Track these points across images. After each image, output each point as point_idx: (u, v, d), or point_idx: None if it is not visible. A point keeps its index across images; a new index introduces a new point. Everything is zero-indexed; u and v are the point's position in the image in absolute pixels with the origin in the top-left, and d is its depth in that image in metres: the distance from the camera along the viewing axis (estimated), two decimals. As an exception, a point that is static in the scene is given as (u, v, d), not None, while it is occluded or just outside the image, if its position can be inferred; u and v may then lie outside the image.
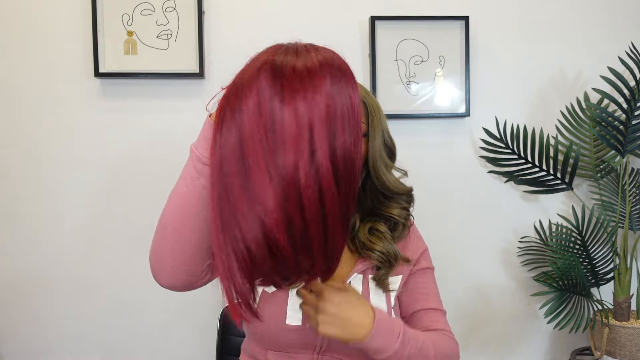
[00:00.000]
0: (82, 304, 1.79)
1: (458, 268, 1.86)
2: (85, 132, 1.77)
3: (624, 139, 1.65)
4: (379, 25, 1.77)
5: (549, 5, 1.86)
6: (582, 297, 1.68)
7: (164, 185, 1.78)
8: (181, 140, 1.78)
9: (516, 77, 1.86)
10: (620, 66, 1.67)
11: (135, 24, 1.73)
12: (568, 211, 1.87)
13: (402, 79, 1.80)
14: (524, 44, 1.86)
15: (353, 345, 0.88)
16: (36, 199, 1.77)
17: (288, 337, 0.99)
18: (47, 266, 1.78)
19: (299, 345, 0.99)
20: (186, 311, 1.78)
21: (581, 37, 1.87)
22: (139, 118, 1.78)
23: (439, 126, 1.85)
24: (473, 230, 1.87)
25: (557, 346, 1.92)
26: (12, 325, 1.79)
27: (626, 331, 1.66)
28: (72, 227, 1.78)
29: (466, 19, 1.80)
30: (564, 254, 1.68)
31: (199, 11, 1.73)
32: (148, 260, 0.92)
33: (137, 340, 1.81)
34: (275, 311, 0.99)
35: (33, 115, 1.76)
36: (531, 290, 1.88)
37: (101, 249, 1.78)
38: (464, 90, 1.81)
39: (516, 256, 1.89)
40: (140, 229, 1.78)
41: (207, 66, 1.77)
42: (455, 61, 1.81)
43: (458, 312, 1.89)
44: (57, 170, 1.77)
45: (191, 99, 1.78)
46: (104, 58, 1.73)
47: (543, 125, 1.85)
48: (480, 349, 1.91)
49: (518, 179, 1.83)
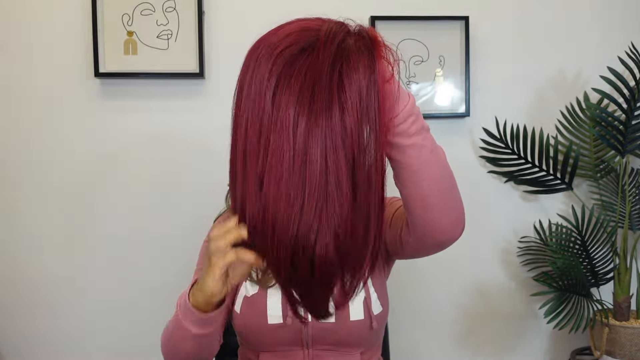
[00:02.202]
0: (82, 304, 1.79)
1: (458, 268, 1.86)
2: (85, 132, 1.77)
3: (624, 139, 1.65)
4: (379, 25, 1.77)
5: (549, 5, 1.86)
6: (582, 297, 1.68)
7: (164, 185, 1.79)
8: (181, 140, 1.79)
9: (516, 77, 1.86)
10: (620, 66, 1.67)
11: (135, 24, 1.73)
12: (568, 211, 1.87)
13: (402, 79, 1.80)
14: (524, 44, 1.86)
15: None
16: (36, 198, 1.77)
17: (273, 336, 1.00)
18: (47, 266, 1.78)
19: (287, 342, 1.01)
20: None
21: (581, 37, 1.87)
22: (139, 118, 1.78)
23: (439, 126, 1.85)
24: (473, 230, 1.86)
25: (557, 346, 1.92)
26: (12, 325, 1.79)
27: (626, 331, 1.66)
28: (72, 227, 1.78)
29: (466, 19, 1.80)
30: (564, 254, 1.68)
31: (199, 11, 1.73)
32: (148, 260, 0.93)
33: (137, 340, 1.80)
34: (257, 313, 1.01)
35: (33, 115, 1.76)
36: (531, 290, 1.88)
37: (101, 249, 1.78)
38: (464, 90, 1.81)
39: (516, 256, 1.89)
40: (140, 229, 1.79)
41: (207, 66, 1.77)
42: (455, 61, 1.81)
43: (458, 312, 1.89)
44: (57, 170, 1.77)
45: (191, 99, 1.78)
46: (104, 58, 1.73)
47: (543, 125, 1.85)
48: (480, 348, 1.91)
49: (518, 179, 1.83)
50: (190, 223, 1.76)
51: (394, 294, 1.29)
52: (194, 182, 1.77)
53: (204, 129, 1.77)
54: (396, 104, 0.75)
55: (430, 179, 0.79)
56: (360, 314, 1.01)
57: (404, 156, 0.78)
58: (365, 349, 1.06)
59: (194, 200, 1.77)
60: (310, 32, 0.75)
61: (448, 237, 0.86)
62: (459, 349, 1.90)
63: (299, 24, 0.77)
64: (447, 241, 0.87)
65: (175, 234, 1.78)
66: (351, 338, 1.02)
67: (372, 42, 0.74)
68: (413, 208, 0.82)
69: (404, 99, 0.76)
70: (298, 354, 1.02)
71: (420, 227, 0.84)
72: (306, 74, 0.71)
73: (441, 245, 0.88)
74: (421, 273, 1.85)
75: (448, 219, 0.83)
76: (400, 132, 0.76)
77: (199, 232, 1.36)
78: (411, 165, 0.78)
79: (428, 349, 1.89)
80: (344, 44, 0.73)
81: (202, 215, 1.43)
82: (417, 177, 0.79)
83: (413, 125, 0.76)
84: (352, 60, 0.71)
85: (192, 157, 1.77)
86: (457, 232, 0.86)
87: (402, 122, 0.76)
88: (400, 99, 0.76)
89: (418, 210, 0.82)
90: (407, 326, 1.87)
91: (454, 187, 0.83)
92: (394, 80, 0.75)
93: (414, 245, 0.91)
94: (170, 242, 1.78)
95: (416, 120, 0.77)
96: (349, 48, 0.73)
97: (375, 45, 0.74)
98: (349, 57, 0.72)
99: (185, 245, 1.78)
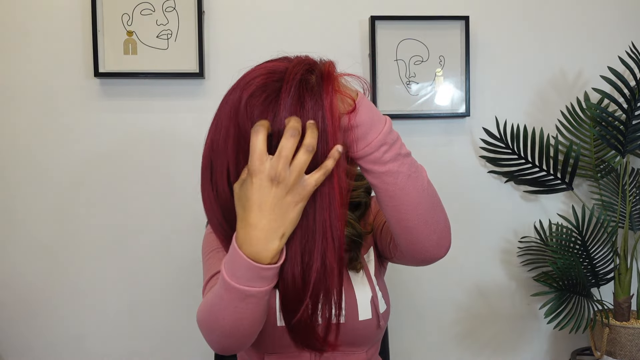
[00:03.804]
0: (82, 304, 1.79)
1: (458, 268, 1.86)
2: (84, 132, 1.77)
3: (624, 139, 1.65)
4: (379, 25, 1.77)
5: (549, 5, 1.86)
6: (582, 297, 1.68)
7: (164, 185, 1.78)
8: (181, 140, 1.79)
9: (516, 77, 1.86)
10: (620, 66, 1.66)
11: (135, 23, 1.73)
12: (568, 211, 1.87)
13: (402, 79, 1.80)
14: (524, 44, 1.86)
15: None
16: (35, 198, 1.77)
17: (282, 338, 0.99)
18: (47, 266, 1.78)
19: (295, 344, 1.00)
20: (186, 311, 1.78)
21: (581, 37, 1.87)
22: (138, 118, 1.78)
23: (439, 126, 1.85)
24: (473, 230, 1.87)
25: (557, 346, 1.92)
26: (12, 325, 1.79)
27: (626, 331, 1.66)
28: (71, 227, 1.78)
29: (466, 19, 1.80)
30: (564, 254, 1.68)
31: (199, 11, 1.73)
32: (148, 260, 0.92)
33: (137, 340, 1.80)
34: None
35: (32, 115, 1.76)
36: (531, 290, 1.87)
37: (101, 249, 1.78)
38: (464, 90, 1.81)
39: (516, 256, 1.89)
40: (139, 229, 1.79)
41: (206, 66, 1.76)
42: (455, 61, 1.81)
43: (458, 312, 1.89)
44: (56, 170, 1.77)
45: (191, 99, 1.78)
46: (103, 58, 1.73)
47: (543, 125, 1.85)
48: (480, 349, 1.90)
49: (518, 179, 1.82)
50: (190, 223, 1.76)
51: (394, 294, 1.29)
52: (194, 182, 1.75)
53: (203, 128, 1.76)
54: (368, 133, 0.78)
55: (408, 204, 0.81)
56: (369, 313, 1.02)
57: (380, 182, 0.80)
58: (369, 346, 1.06)
59: (194, 200, 1.75)
60: (276, 74, 0.78)
61: (431, 256, 0.87)
62: (459, 349, 1.90)
63: (265, 67, 0.80)
64: (431, 259, 0.88)
65: (175, 233, 1.78)
66: (359, 337, 1.02)
67: (324, 77, 0.77)
68: (394, 229, 0.85)
69: (376, 129, 0.78)
70: (305, 355, 1.01)
71: (403, 246, 0.87)
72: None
73: (426, 262, 0.89)
74: (421, 273, 1.85)
75: (430, 241, 0.85)
76: (374, 160, 0.79)
77: (198, 233, 1.36)
78: (387, 191, 0.80)
79: (428, 349, 1.89)
80: (305, 81, 0.76)
81: (202, 216, 1.42)
82: (395, 202, 0.81)
83: (387, 154, 0.78)
84: (307, 95, 0.76)
85: (192, 157, 1.76)
86: (441, 252, 0.88)
87: (374, 151, 0.78)
88: (373, 128, 0.78)
89: (399, 232, 0.84)
90: (407, 326, 1.87)
91: (435, 208, 0.84)
92: (361, 110, 0.77)
93: (401, 257, 0.94)
94: (170, 242, 1.78)
95: (390, 148, 0.79)
96: (310, 84, 0.76)
97: (327, 80, 0.77)
98: (307, 92, 0.76)
99: (185, 245, 1.78)
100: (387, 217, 0.84)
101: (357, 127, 0.77)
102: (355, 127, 0.77)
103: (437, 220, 0.85)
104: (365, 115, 0.77)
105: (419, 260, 0.89)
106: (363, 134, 0.77)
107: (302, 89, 0.75)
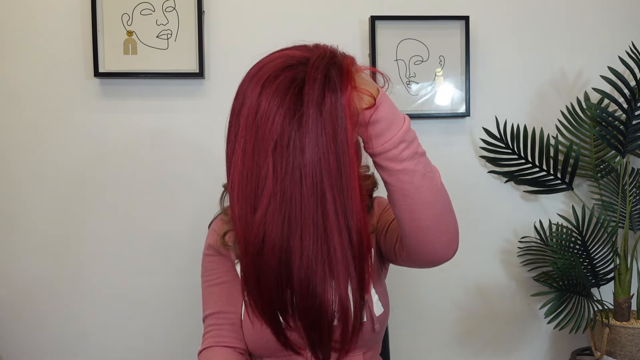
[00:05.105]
0: (82, 304, 1.79)
1: (458, 268, 1.86)
2: (84, 132, 1.77)
3: (624, 138, 1.65)
4: (379, 25, 1.77)
5: (549, 5, 1.86)
6: (582, 297, 1.68)
7: (163, 185, 1.78)
8: (181, 140, 1.79)
9: (516, 77, 1.86)
10: (620, 66, 1.66)
11: (135, 23, 1.73)
12: (568, 211, 1.87)
13: (402, 79, 1.80)
14: (524, 44, 1.86)
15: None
16: (36, 198, 1.77)
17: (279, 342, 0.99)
18: (47, 266, 1.78)
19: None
20: (186, 311, 1.78)
21: (581, 37, 1.87)
22: (138, 118, 1.78)
23: (439, 126, 1.85)
24: (473, 230, 1.87)
25: (557, 346, 1.92)
26: (12, 325, 1.79)
27: (626, 331, 1.66)
28: (71, 227, 1.78)
29: (466, 19, 1.80)
30: (564, 254, 1.68)
31: (199, 11, 1.73)
32: (149, 260, 0.92)
33: (137, 340, 1.80)
34: None
35: (32, 115, 1.76)
36: (531, 290, 1.87)
37: (101, 249, 1.78)
38: (464, 90, 1.81)
39: (516, 256, 1.89)
40: (139, 229, 1.78)
41: (206, 66, 1.76)
42: (455, 61, 1.81)
43: (458, 312, 1.89)
44: (56, 170, 1.77)
45: (191, 99, 1.78)
46: (103, 58, 1.73)
47: (543, 125, 1.85)
48: (480, 349, 1.90)
49: (518, 179, 1.82)
50: (190, 223, 1.76)
51: (394, 294, 1.29)
52: (194, 182, 1.77)
53: (203, 128, 1.77)
54: (388, 130, 0.78)
55: (422, 203, 0.81)
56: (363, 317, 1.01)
57: (395, 180, 0.80)
58: (367, 349, 1.06)
59: (194, 200, 1.77)
60: (297, 64, 0.80)
61: (440, 257, 0.87)
62: (459, 349, 1.90)
63: (284, 52, 0.82)
64: (439, 261, 0.88)
65: (175, 234, 1.78)
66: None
67: (343, 74, 0.77)
68: (405, 229, 0.84)
69: (396, 125, 0.78)
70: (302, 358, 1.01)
71: (412, 246, 0.86)
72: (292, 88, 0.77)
73: (434, 264, 0.89)
74: (421, 273, 1.85)
75: (440, 241, 0.84)
76: (392, 157, 0.78)
77: (198, 233, 1.36)
78: (402, 190, 0.80)
79: (428, 349, 1.89)
80: (327, 77, 0.77)
81: (202, 216, 1.42)
82: (409, 201, 0.81)
83: (405, 151, 0.78)
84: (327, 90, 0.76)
85: (192, 156, 1.77)
86: (450, 253, 0.88)
87: (393, 148, 0.78)
88: (392, 125, 0.78)
89: (410, 232, 0.84)
90: (407, 326, 1.87)
91: (447, 210, 0.84)
92: (381, 107, 0.77)
93: (407, 259, 0.93)
94: (170, 242, 1.78)
95: (408, 146, 0.79)
96: (331, 81, 0.77)
97: (346, 77, 0.77)
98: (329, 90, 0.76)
99: (185, 245, 1.78)
100: (398, 216, 0.84)
101: (376, 123, 0.77)
102: (375, 123, 0.77)
103: (448, 222, 0.84)
104: (385, 112, 0.78)
105: (426, 261, 0.88)
106: (382, 130, 0.78)
107: (325, 85, 0.75)
